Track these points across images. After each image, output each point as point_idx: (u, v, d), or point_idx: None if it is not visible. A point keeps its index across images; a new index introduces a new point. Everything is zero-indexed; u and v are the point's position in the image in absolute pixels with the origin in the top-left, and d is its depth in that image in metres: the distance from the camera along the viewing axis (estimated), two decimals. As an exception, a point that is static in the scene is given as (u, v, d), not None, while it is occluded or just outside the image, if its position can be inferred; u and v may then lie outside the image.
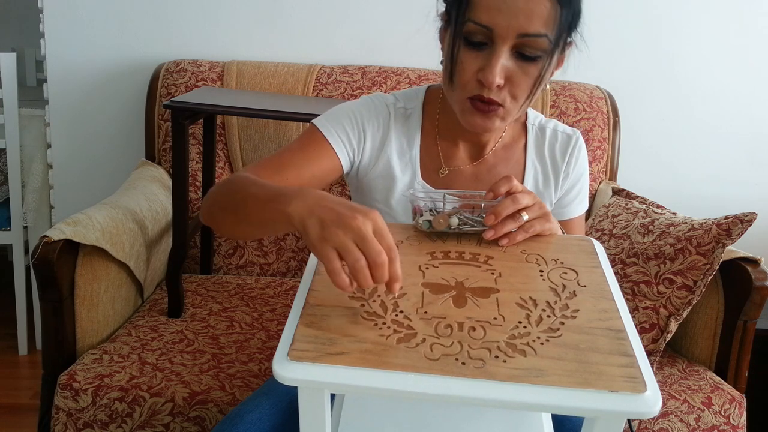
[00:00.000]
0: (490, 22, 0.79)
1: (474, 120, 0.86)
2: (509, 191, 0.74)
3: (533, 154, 1.00)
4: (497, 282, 0.66)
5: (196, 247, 1.76)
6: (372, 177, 0.98)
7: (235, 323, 1.46)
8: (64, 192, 1.96)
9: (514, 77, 0.82)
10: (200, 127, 1.73)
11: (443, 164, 0.98)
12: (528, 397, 0.52)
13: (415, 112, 0.98)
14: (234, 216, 0.78)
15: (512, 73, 0.82)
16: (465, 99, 0.85)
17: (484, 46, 0.81)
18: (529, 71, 0.82)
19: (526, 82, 0.82)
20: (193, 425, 1.20)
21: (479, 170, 0.98)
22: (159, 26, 1.87)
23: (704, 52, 1.90)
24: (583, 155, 1.01)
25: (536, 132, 1.00)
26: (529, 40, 0.79)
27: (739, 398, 1.32)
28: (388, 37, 1.87)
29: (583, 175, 1.02)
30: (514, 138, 1.00)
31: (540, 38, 0.79)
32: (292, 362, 0.54)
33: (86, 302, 1.32)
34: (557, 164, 0.99)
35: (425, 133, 0.98)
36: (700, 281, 1.26)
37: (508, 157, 0.99)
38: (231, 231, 0.82)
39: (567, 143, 0.99)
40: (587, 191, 1.04)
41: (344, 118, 0.95)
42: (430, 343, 0.57)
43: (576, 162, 1.00)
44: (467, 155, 0.98)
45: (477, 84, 0.83)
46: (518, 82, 0.82)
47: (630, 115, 1.88)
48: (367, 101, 0.98)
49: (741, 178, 1.99)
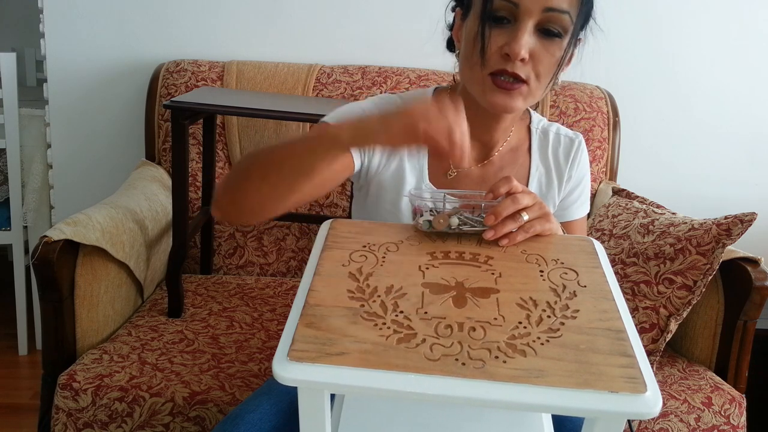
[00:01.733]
0: None
1: (496, 98, 0.86)
2: (509, 191, 0.74)
3: (537, 157, 1.00)
4: (497, 282, 0.66)
5: (196, 247, 1.75)
6: (384, 177, 0.97)
7: (235, 323, 1.46)
8: (64, 192, 1.96)
9: (538, 54, 0.83)
10: (200, 127, 1.72)
11: (450, 166, 0.98)
12: (528, 398, 0.52)
13: None
14: (263, 177, 0.76)
15: (536, 50, 0.83)
16: (487, 77, 0.85)
17: (508, 22, 0.82)
18: (551, 49, 0.83)
19: (549, 60, 0.83)
20: (193, 425, 1.20)
21: (486, 172, 0.98)
22: (159, 26, 1.87)
23: (704, 52, 1.90)
24: (585, 158, 1.02)
25: (540, 135, 1.01)
26: (553, 15, 0.81)
27: (739, 398, 1.32)
28: (388, 37, 1.87)
29: (585, 178, 1.03)
30: (520, 141, 1.00)
31: (564, 14, 0.81)
32: (292, 362, 0.54)
33: (86, 302, 1.32)
34: (561, 167, 1.00)
35: None
36: (700, 281, 1.26)
37: (513, 159, 0.99)
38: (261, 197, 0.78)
39: (570, 146, 1.00)
40: (588, 194, 1.05)
41: (355, 116, 0.94)
42: (430, 344, 0.57)
43: (578, 165, 1.01)
44: (474, 156, 0.98)
45: (501, 58, 0.83)
46: (541, 58, 0.83)
47: (630, 115, 1.88)
48: (376, 101, 0.97)
49: (741, 178, 1.99)
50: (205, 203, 1.72)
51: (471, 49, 0.86)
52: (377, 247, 0.71)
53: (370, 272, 0.67)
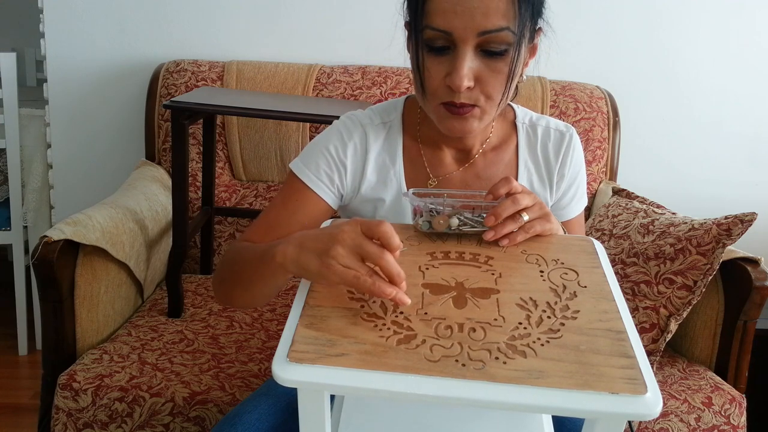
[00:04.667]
0: (447, 25, 0.77)
1: (451, 124, 0.84)
2: (509, 192, 0.74)
3: (525, 154, 0.97)
4: (497, 282, 0.66)
5: (196, 247, 1.75)
6: (357, 203, 0.96)
7: (235, 323, 1.46)
8: (64, 192, 1.96)
9: (484, 76, 0.79)
10: (200, 127, 1.72)
11: (430, 174, 0.95)
12: (528, 399, 0.52)
13: (395, 125, 0.96)
14: (239, 286, 0.83)
15: (481, 72, 0.79)
16: (438, 106, 0.83)
17: (447, 50, 0.79)
18: (497, 67, 0.79)
19: (497, 79, 0.80)
20: (193, 425, 1.20)
21: (468, 175, 0.95)
22: (159, 26, 1.87)
23: (704, 52, 1.90)
24: (578, 152, 0.98)
25: (527, 130, 0.97)
26: (490, 36, 0.77)
27: (739, 398, 1.32)
28: (388, 37, 1.87)
29: (580, 173, 0.99)
30: (504, 138, 0.97)
31: (502, 32, 0.76)
32: (292, 363, 0.54)
33: (86, 302, 1.32)
34: (550, 164, 0.96)
35: (408, 145, 0.95)
36: (700, 281, 1.26)
37: (498, 159, 0.96)
38: (244, 301, 0.86)
39: (560, 141, 0.96)
40: (585, 187, 1.01)
41: (320, 158, 0.93)
42: (430, 345, 0.57)
43: (571, 161, 0.97)
44: (454, 161, 0.96)
45: (446, 90, 0.81)
46: (488, 80, 0.80)
47: (630, 115, 1.88)
48: (340, 129, 0.95)
49: (741, 178, 1.99)
50: (205, 203, 1.72)
51: (416, 78, 0.84)
52: (377, 248, 0.71)
53: (370, 273, 0.67)
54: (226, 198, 1.77)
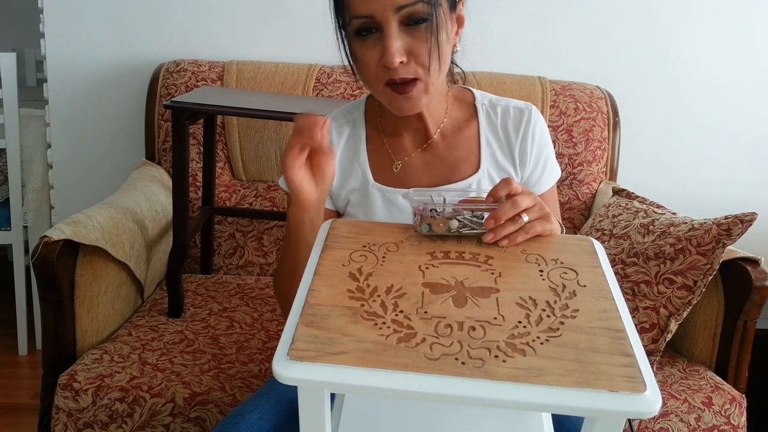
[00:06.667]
0: (368, 10, 0.84)
1: (400, 104, 0.89)
2: (509, 194, 0.74)
3: (487, 132, 1.00)
4: (497, 282, 0.66)
5: (196, 247, 1.75)
6: (333, 199, 1.03)
7: (236, 323, 1.46)
8: (64, 192, 1.96)
9: (413, 48, 0.85)
10: (200, 127, 1.73)
11: (394, 159, 1.00)
12: (528, 397, 0.52)
13: (358, 121, 1.03)
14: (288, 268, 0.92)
15: (410, 45, 0.85)
16: (383, 87, 0.88)
17: (374, 33, 0.86)
18: (423, 37, 0.85)
19: (426, 48, 0.85)
20: (193, 426, 1.20)
21: (428, 156, 1.00)
22: (159, 26, 1.87)
23: (704, 52, 1.90)
24: (540, 127, 1.00)
25: (487, 110, 1.01)
26: (407, 10, 0.83)
27: (739, 398, 1.32)
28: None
29: (546, 147, 1.01)
30: (464, 119, 1.01)
31: (417, 4, 0.83)
32: (292, 362, 0.54)
33: (86, 302, 1.32)
34: (511, 140, 1.00)
35: (371, 136, 1.02)
36: (700, 281, 1.26)
37: (459, 139, 1.00)
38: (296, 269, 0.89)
39: (520, 118, 1.00)
40: (554, 159, 1.03)
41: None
42: (429, 343, 0.57)
43: (533, 136, 0.99)
44: (413, 144, 1.00)
45: (384, 70, 0.86)
46: (418, 50, 0.85)
47: (630, 115, 1.88)
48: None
49: (741, 178, 1.99)
50: (205, 203, 1.72)
51: (358, 68, 0.91)
52: (377, 247, 0.71)
53: (370, 272, 0.67)
54: (226, 198, 1.77)
